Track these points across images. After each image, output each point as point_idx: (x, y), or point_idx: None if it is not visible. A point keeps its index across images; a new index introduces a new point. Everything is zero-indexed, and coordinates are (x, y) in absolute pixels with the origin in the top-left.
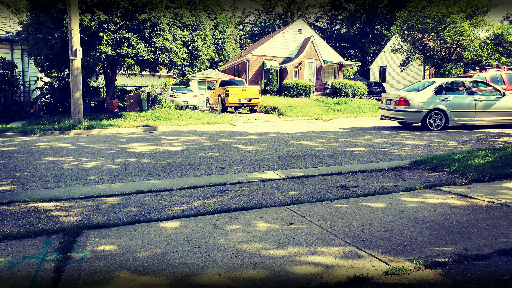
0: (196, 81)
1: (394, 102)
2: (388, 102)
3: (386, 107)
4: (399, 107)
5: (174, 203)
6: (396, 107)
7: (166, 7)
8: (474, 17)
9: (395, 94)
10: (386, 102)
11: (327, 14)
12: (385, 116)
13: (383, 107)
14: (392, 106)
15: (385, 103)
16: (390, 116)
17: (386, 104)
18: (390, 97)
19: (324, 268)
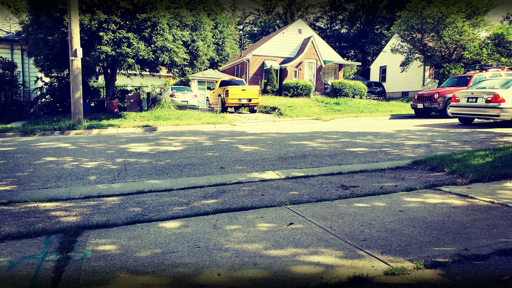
0: (196, 81)
1: (485, 100)
2: (472, 100)
3: (470, 105)
4: (493, 104)
5: (174, 203)
6: (489, 104)
7: (166, 7)
8: (474, 17)
9: (485, 91)
10: (469, 100)
11: (327, 14)
12: (467, 114)
13: (463, 104)
14: (481, 103)
15: (465, 101)
16: (475, 113)
17: (469, 102)
18: (476, 95)
19: (324, 268)
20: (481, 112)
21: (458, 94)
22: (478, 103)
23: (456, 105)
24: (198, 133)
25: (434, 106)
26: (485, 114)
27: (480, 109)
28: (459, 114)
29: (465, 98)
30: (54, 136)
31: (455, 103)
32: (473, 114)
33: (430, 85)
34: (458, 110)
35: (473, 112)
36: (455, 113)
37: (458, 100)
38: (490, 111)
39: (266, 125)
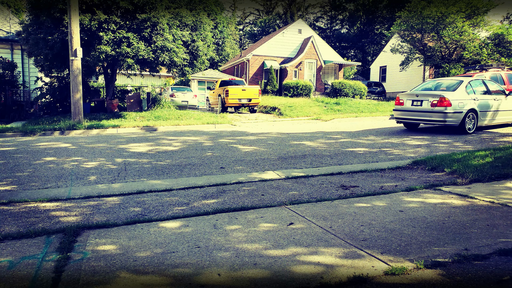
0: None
1: (431, 103)
2: (417, 103)
3: (414, 109)
4: (439, 108)
5: (174, 203)
6: (435, 108)
7: (166, 7)
8: (474, 17)
9: (430, 93)
10: (414, 103)
11: (327, 14)
12: (411, 119)
13: (407, 108)
14: (426, 107)
15: (410, 104)
16: (420, 119)
17: (413, 106)
18: (421, 97)
19: (324, 268)
20: (427, 118)
21: (403, 96)
22: (424, 107)
23: (400, 108)
24: (198, 133)
25: None
26: (430, 119)
27: (425, 114)
28: (402, 119)
29: (410, 100)
30: (54, 136)
31: (399, 106)
32: (418, 120)
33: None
34: (402, 115)
35: (418, 117)
36: (399, 118)
37: (402, 103)
38: (436, 116)
39: (266, 125)
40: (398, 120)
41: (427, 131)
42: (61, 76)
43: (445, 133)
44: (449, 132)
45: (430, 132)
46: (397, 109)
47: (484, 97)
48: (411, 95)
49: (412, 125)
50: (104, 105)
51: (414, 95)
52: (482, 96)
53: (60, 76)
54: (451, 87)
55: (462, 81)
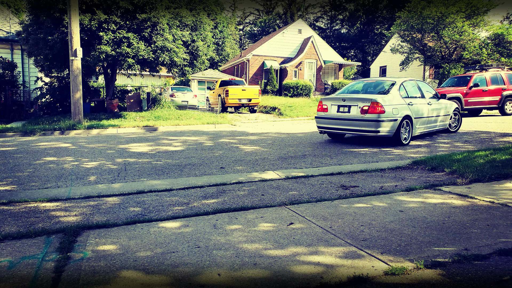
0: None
1: (361, 109)
2: (344, 109)
3: (340, 116)
4: (371, 116)
5: (174, 203)
6: (366, 116)
7: (166, 7)
8: (474, 17)
9: (360, 97)
10: (340, 109)
11: (327, 14)
12: (336, 129)
13: (332, 116)
14: (355, 115)
15: (335, 110)
16: (348, 128)
17: (340, 112)
18: (348, 102)
19: (324, 268)
20: (355, 127)
21: (327, 101)
22: (352, 114)
23: (323, 116)
24: (198, 133)
25: None
26: (360, 129)
27: (354, 123)
28: (326, 129)
29: (335, 106)
30: (54, 136)
31: (323, 113)
32: (345, 130)
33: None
34: (326, 123)
35: (345, 126)
36: (322, 127)
37: (325, 109)
38: (366, 126)
39: (266, 125)
40: (321, 129)
41: (351, 141)
42: (61, 76)
43: (375, 145)
44: (380, 143)
45: (354, 142)
46: (320, 117)
47: (418, 101)
48: (337, 100)
49: (338, 136)
50: (104, 105)
51: (340, 99)
52: (416, 100)
53: (60, 76)
54: (383, 90)
55: (395, 82)
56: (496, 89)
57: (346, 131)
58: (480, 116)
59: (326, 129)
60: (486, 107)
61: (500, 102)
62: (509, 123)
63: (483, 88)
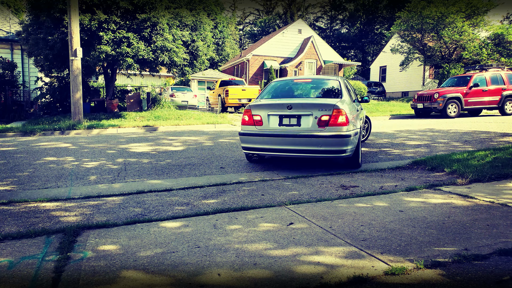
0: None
1: (318, 120)
2: (291, 120)
3: (287, 132)
4: (334, 129)
5: (174, 203)
6: (326, 130)
7: (166, 7)
8: (474, 17)
9: (313, 102)
10: (283, 120)
11: (327, 14)
12: (281, 151)
13: (273, 131)
14: (309, 128)
15: (276, 123)
16: (299, 149)
17: (284, 126)
18: (297, 110)
19: (324, 268)
20: (310, 147)
21: (260, 109)
22: (304, 127)
23: (255, 132)
24: (198, 133)
25: (434, 106)
26: (317, 150)
27: (309, 140)
28: (260, 151)
29: (276, 117)
30: (54, 136)
31: (253, 128)
32: (292, 151)
33: (430, 85)
34: (260, 143)
35: (292, 146)
36: (253, 148)
37: (259, 121)
38: (329, 144)
39: None
40: (251, 151)
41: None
42: (61, 76)
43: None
44: (329, 165)
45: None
46: (248, 133)
47: (356, 106)
48: (278, 107)
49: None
50: (104, 105)
51: (283, 106)
52: (355, 105)
53: (60, 76)
54: (334, 91)
55: (339, 80)
56: (496, 89)
57: (293, 153)
58: (480, 116)
59: (260, 151)
60: (486, 107)
61: (500, 102)
62: (509, 123)
63: (483, 88)
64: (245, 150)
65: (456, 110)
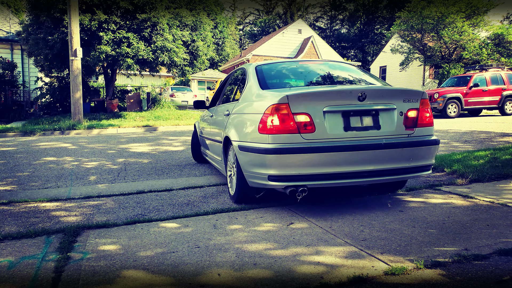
0: (196, 81)
1: (404, 116)
2: (365, 120)
3: (360, 139)
4: (425, 131)
5: (174, 203)
6: (416, 132)
7: (166, 7)
8: (474, 17)
9: (391, 88)
10: (351, 122)
11: (327, 14)
12: (351, 175)
13: (336, 140)
14: (392, 131)
15: (339, 126)
16: (378, 170)
17: (354, 131)
18: (372, 100)
19: (324, 268)
20: (397, 164)
21: (308, 103)
22: (384, 130)
23: (300, 146)
24: None
25: (434, 106)
26: (406, 169)
27: (396, 154)
28: (308, 180)
29: (338, 115)
30: (54, 136)
31: (300, 139)
32: (368, 175)
33: (430, 85)
34: (310, 166)
35: (368, 167)
36: (286, 177)
37: (309, 124)
38: (420, 157)
39: None
40: (289, 182)
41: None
42: (61, 76)
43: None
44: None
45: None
46: (287, 148)
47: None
48: (340, 96)
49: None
50: (104, 105)
51: (351, 94)
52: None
53: (60, 76)
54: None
55: (358, 66)
56: (496, 89)
57: (369, 177)
58: (480, 116)
59: (311, 180)
60: (486, 107)
61: (500, 102)
62: (509, 123)
63: (483, 88)
64: (277, 181)
65: (456, 110)
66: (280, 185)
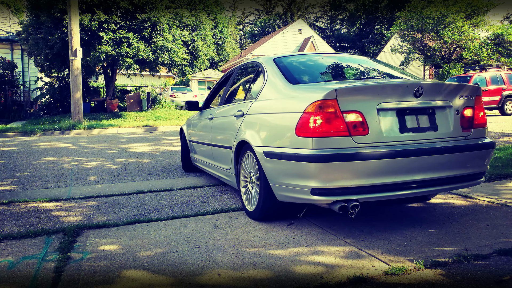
0: (196, 81)
1: (461, 115)
2: (421, 119)
3: (415, 141)
4: (480, 132)
5: (174, 203)
6: (473, 134)
7: (166, 7)
8: (474, 17)
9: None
10: (406, 122)
11: (327, 14)
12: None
13: (391, 142)
14: (449, 132)
15: (394, 125)
16: (436, 178)
17: (410, 132)
18: (429, 96)
19: (324, 268)
20: (454, 172)
21: (359, 99)
22: (442, 132)
23: (353, 152)
24: None
25: None
26: (462, 177)
27: (455, 160)
28: (361, 193)
29: (392, 114)
30: (54, 136)
31: (351, 142)
32: (423, 185)
33: None
34: (365, 176)
35: (424, 176)
36: (336, 190)
37: (361, 125)
38: (477, 164)
39: None
40: (339, 196)
41: None
42: (61, 76)
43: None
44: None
45: None
46: (338, 155)
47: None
48: (394, 91)
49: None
50: (104, 105)
51: (407, 88)
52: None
53: (60, 76)
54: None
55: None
56: (496, 89)
57: (424, 187)
58: None
59: (364, 193)
60: (486, 107)
61: (500, 102)
62: (509, 123)
63: (483, 88)
64: (324, 195)
65: None
66: (327, 200)
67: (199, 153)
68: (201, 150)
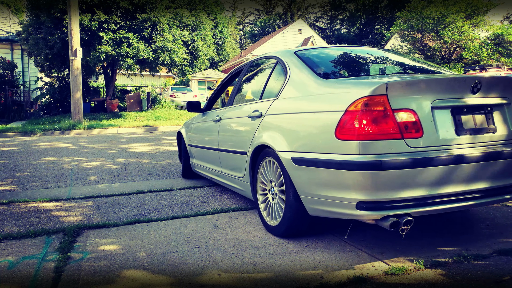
0: (196, 81)
1: None
2: (477, 119)
3: (474, 145)
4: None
5: (174, 203)
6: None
7: (166, 7)
8: (474, 17)
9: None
10: (464, 123)
11: (327, 14)
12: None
13: (449, 146)
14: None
15: (449, 126)
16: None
17: (468, 134)
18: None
19: (324, 268)
20: (507, 181)
21: (411, 95)
22: (500, 134)
23: (407, 158)
24: None
25: None
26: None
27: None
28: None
29: (447, 112)
30: (54, 136)
31: (404, 146)
32: (474, 196)
33: None
34: (421, 186)
35: (479, 185)
36: (389, 204)
37: (414, 125)
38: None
39: None
40: (392, 210)
41: None
42: (61, 76)
43: None
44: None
45: None
46: (392, 163)
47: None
48: (450, 86)
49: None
50: (104, 105)
51: (465, 83)
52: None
53: (60, 76)
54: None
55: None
56: None
57: (476, 199)
58: None
59: (418, 207)
60: None
61: None
62: None
63: None
64: (372, 209)
65: None
66: (376, 216)
67: (202, 159)
68: (205, 156)
